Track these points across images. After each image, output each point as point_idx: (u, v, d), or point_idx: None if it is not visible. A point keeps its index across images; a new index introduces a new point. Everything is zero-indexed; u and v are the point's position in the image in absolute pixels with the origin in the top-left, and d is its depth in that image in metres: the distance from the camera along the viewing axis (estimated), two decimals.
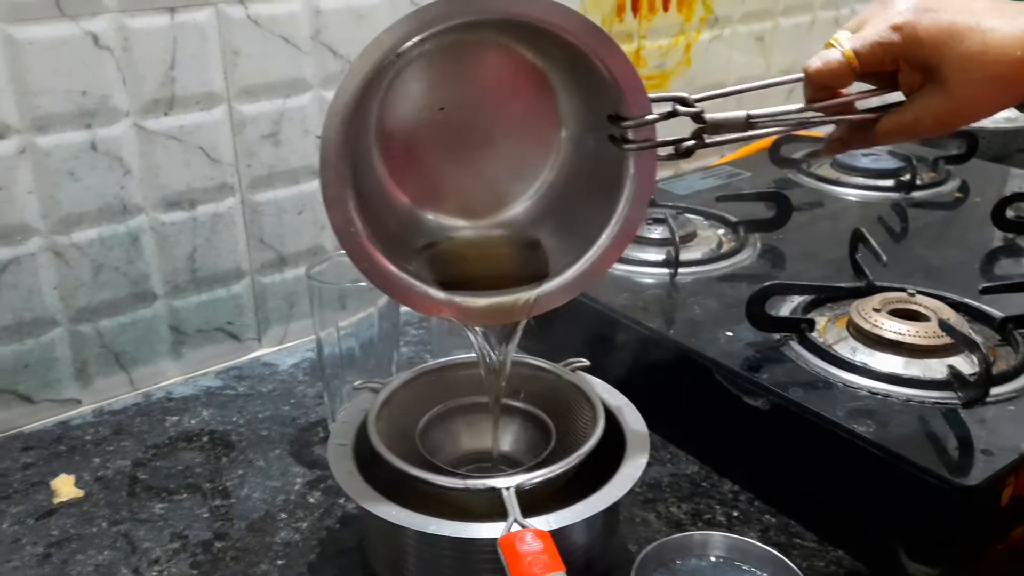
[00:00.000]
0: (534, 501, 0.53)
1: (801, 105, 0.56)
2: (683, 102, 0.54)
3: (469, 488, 0.53)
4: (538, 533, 0.49)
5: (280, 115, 0.82)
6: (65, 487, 0.69)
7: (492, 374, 0.60)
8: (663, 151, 0.55)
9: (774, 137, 1.08)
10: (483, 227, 0.61)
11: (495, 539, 0.49)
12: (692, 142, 0.54)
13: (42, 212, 0.73)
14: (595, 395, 0.61)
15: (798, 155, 1.10)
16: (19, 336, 0.75)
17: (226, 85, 0.78)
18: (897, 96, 0.55)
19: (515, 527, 0.49)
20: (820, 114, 0.55)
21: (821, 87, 0.55)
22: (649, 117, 0.53)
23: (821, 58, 0.54)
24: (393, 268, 0.55)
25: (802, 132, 0.78)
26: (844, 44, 0.53)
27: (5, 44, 0.67)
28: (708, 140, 0.54)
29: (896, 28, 0.51)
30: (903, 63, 0.52)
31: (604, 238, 0.58)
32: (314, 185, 0.87)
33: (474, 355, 0.61)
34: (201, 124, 0.78)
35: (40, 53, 0.69)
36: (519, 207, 0.61)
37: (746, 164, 1.13)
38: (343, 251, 0.54)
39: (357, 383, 0.64)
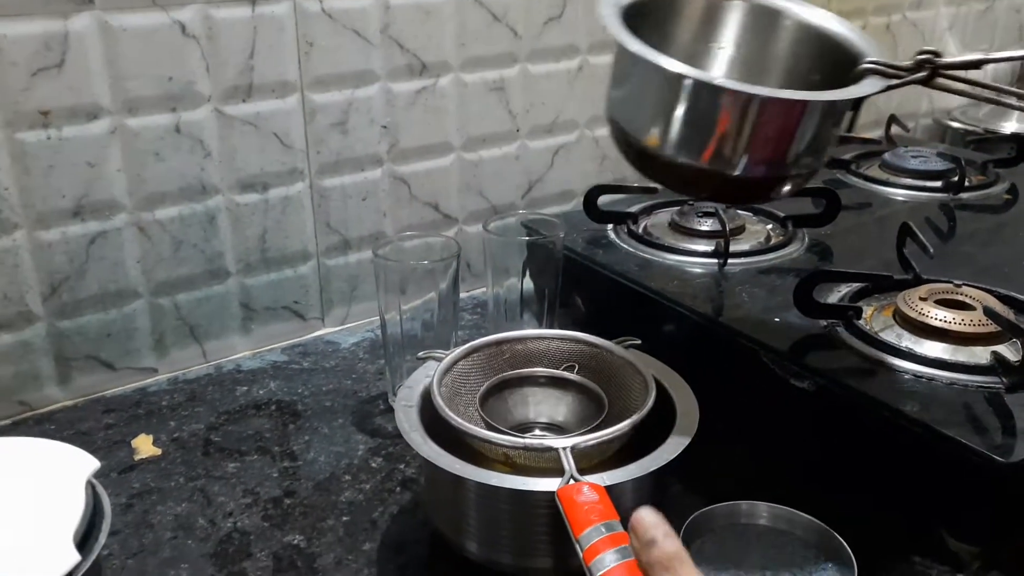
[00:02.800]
0: (588, 465, 0.56)
1: None
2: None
3: (529, 447, 0.57)
4: (593, 486, 0.52)
5: (349, 105, 0.87)
6: (144, 445, 0.73)
7: None
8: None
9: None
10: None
11: (552, 491, 0.52)
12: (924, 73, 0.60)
13: (129, 189, 0.78)
14: (646, 369, 0.64)
15: (847, 156, 1.12)
16: (104, 306, 0.80)
17: (300, 75, 0.83)
18: None
19: (572, 481, 0.52)
20: None
21: None
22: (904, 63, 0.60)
23: None
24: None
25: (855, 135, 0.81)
26: None
27: (102, 31, 0.72)
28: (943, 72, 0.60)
29: None
30: None
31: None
32: (378, 173, 0.91)
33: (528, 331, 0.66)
34: (276, 111, 0.83)
35: (132, 40, 0.74)
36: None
37: None
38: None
39: (421, 353, 0.67)
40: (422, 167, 0.94)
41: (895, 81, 0.63)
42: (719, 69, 0.73)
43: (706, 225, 0.91)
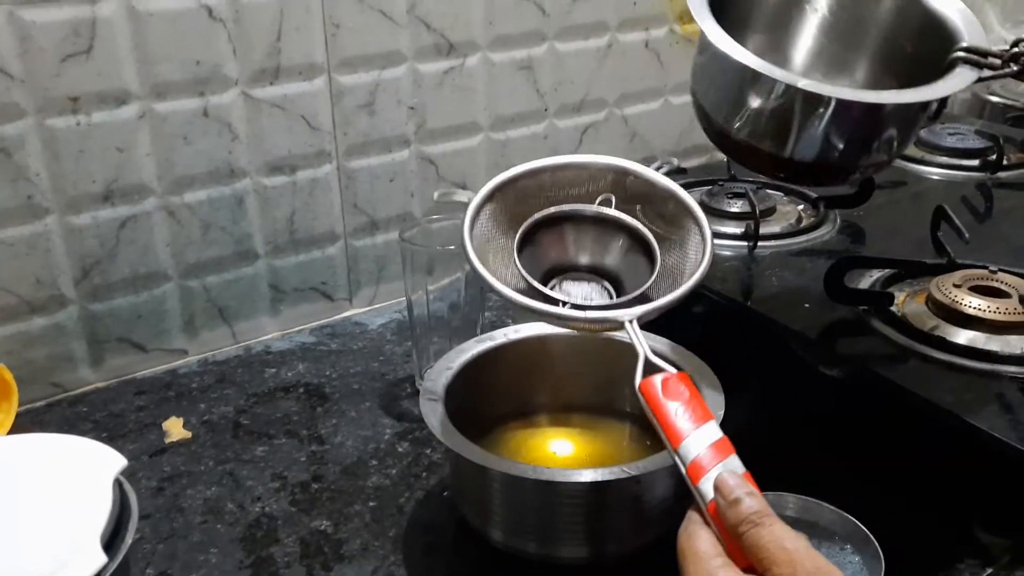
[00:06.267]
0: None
1: None
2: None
3: (592, 320, 0.53)
4: (681, 376, 0.48)
5: (376, 86, 0.86)
6: (175, 428, 0.74)
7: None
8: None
9: None
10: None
11: (576, 482, 0.52)
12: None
13: (158, 173, 0.78)
14: (692, 203, 0.59)
15: None
16: (135, 289, 0.80)
17: (327, 56, 0.83)
18: None
19: (647, 367, 0.49)
20: None
21: None
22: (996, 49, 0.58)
23: None
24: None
25: None
26: None
27: (129, 15, 0.72)
28: None
29: None
30: None
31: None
32: (405, 154, 0.91)
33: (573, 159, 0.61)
34: (303, 93, 0.83)
35: (159, 24, 0.74)
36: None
37: None
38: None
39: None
40: (450, 147, 0.93)
41: (987, 73, 0.61)
42: (810, 34, 0.72)
43: (736, 206, 0.90)
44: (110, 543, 0.46)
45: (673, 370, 0.50)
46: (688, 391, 0.48)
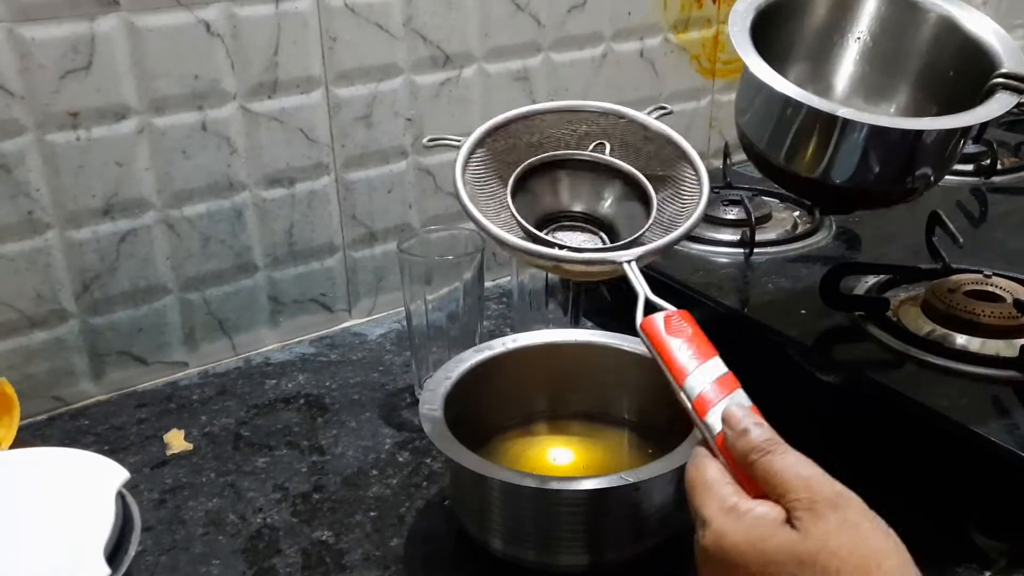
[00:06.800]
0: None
1: None
2: None
3: (590, 261, 0.52)
4: (682, 313, 0.48)
5: (373, 98, 0.87)
6: (176, 440, 0.75)
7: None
8: None
9: None
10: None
11: (575, 490, 0.53)
12: None
13: (157, 187, 0.79)
14: (687, 147, 0.59)
15: None
16: (135, 302, 0.81)
17: (324, 70, 0.83)
18: None
19: (646, 305, 0.49)
20: None
21: None
22: None
23: None
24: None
25: None
26: None
27: (128, 32, 0.73)
28: None
29: None
30: None
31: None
32: (402, 165, 0.91)
33: (565, 104, 0.60)
34: (301, 106, 0.83)
35: (158, 40, 0.75)
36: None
37: None
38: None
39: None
40: (447, 157, 0.93)
41: None
42: (851, 61, 0.74)
43: (732, 214, 0.91)
44: (113, 555, 0.47)
45: (674, 308, 0.49)
46: (691, 327, 0.47)
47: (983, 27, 0.68)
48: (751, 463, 0.43)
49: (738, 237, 0.87)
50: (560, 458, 0.68)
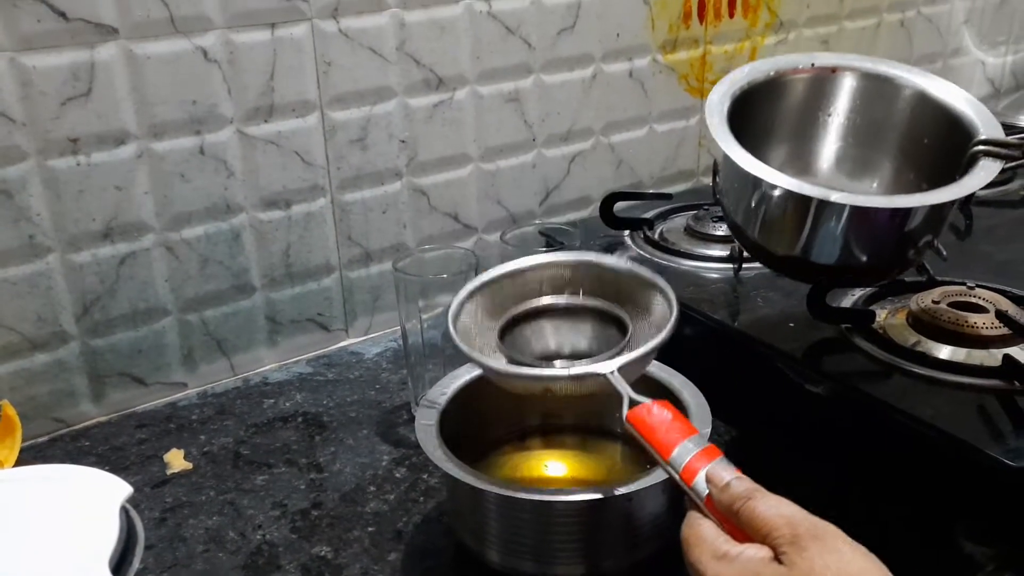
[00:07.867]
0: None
1: None
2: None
3: (576, 376, 0.56)
4: (662, 403, 0.51)
5: (367, 121, 0.89)
6: (176, 460, 0.76)
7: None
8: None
9: None
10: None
11: (571, 502, 0.54)
12: None
13: (156, 211, 0.80)
14: (657, 279, 0.63)
15: None
16: (134, 324, 0.82)
17: (319, 94, 0.85)
18: None
19: (631, 404, 0.52)
20: None
21: None
22: (1013, 139, 0.62)
23: None
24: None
25: None
26: None
27: (127, 59, 0.75)
28: None
29: None
30: None
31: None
32: (397, 186, 0.93)
33: (544, 258, 0.66)
34: (297, 130, 0.85)
35: (156, 67, 0.76)
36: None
37: None
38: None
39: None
40: (441, 178, 0.96)
41: (1011, 164, 0.64)
42: (830, 139, 0.77)
43: (721, 230, 0.92)
44: (117, 569, 0.47)
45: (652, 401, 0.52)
46: (671, 412, 0.51)
47: (955, 97, 0.71)
48: (736, 511, 0.46)
49: (727, 252, 0.89)
50: (555, 471, 0.69)
